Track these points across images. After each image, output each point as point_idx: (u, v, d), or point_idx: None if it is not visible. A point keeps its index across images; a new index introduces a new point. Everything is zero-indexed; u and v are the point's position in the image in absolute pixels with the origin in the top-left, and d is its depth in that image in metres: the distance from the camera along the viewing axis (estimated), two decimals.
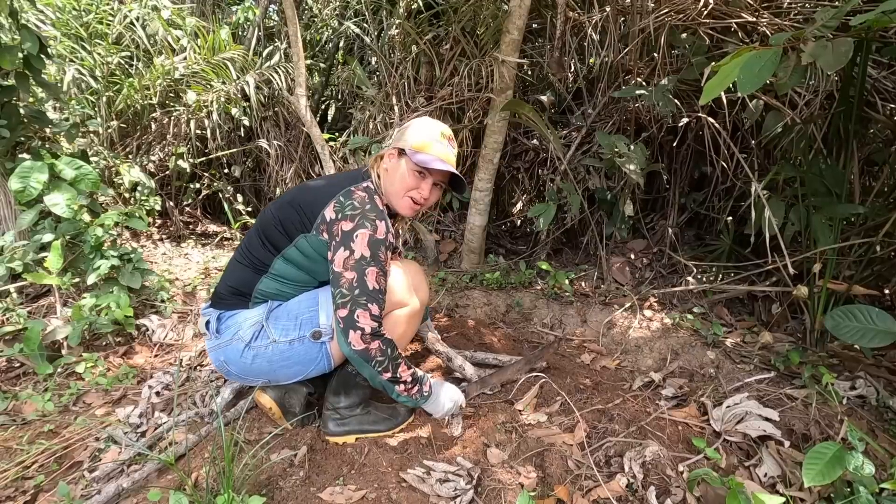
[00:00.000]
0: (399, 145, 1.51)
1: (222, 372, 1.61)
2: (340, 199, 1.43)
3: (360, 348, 1.39)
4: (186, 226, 4.10)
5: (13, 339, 2.09)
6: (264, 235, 1.52)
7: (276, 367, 1.52)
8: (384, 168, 1.54)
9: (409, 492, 1.39)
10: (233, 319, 1.52)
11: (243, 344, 1.49)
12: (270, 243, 1.50)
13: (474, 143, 3.30)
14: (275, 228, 1.50)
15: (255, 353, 1.49)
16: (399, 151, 1.52)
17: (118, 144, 3.77)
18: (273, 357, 1.50)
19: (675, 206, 3.09)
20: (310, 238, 1.45)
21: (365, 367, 1.43)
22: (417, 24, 3.32)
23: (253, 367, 1.51)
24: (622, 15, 2.80)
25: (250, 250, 1.53)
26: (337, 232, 1.40)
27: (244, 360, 1.50)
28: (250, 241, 1.55)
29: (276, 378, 1.57)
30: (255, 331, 1.49)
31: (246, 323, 1.50)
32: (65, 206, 2.23)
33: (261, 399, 1.63)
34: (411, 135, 1.52)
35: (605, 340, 2.35)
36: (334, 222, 1.40)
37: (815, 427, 1.57)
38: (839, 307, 1.64)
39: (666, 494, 1.36)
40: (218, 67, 3.64)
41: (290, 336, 1.49)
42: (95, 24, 3.51)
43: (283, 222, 1.49)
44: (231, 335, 1.51)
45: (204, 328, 1.57)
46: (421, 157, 1.47)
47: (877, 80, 2.24)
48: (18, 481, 1.45)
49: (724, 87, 1.41)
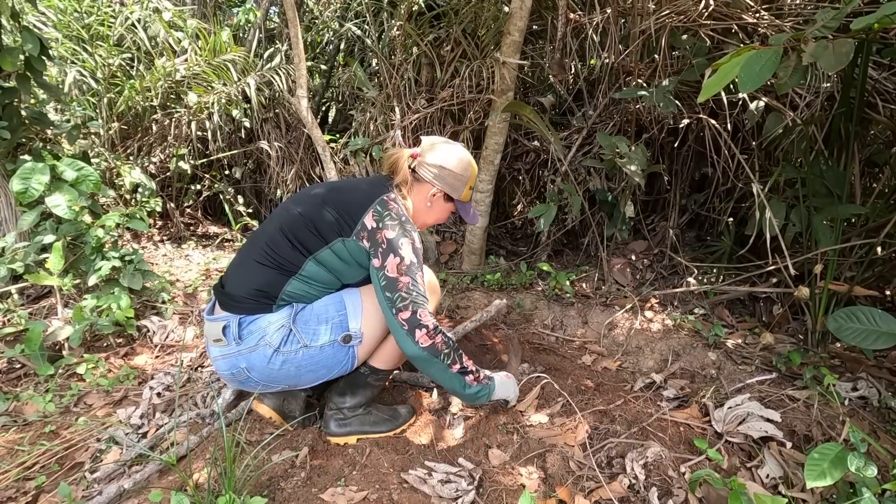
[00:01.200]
0: (448, 192, 1.62)
1: (235, 380, 1.51)
2: (378, 209, 1.47)
3: (427, 345, 1.42)
4: (187, 227, 4.10)
5: (14, 340, 2.09)
6: (293, 236, 1.46)
7: (302, 372, 1.48)
8: (427, 205, 1.64)
9: (411, 493, 1.39)
10: (256, 324, 1.44)
11: (272, 349, 1.43)
12: (301, 244, 1.46)
13: (475, 145, 3.30)
14: (307, 230, 1.46)
15: (285, 359, 1.44)
16: (446, 196, 1.65)
17: (119, 146, 3.78)
18: (302, 362, 1.46)
19: (676, 208, 3.09)
20: (348, 242, 1.46)
21: (434, 363, 1.45)
22: (418, 25, 3.33)
23: (280, 372, 1.46)
24: (623, 16, 2.81)
25: (275, 251, 1.46)
26: (381, 240, 1.44)
27: (272, 365, 1.44)
28: (274, 241, 1.47)
29: (298, 383, 1.52)
30: (283, 335, 1.44)
31: (271, 327, 1.44)
32: (66, 207, 2.24)
33: (259, 409, 1.62)
34: (458, 183, 1.62)
35: (607, 341, 2.35)
36: (376, 231, 1.44)
37: (817, 428, 1.57)
38: (842, 309, 1.64)
39: (668, 495, 1.35)
40: (219, 69, 3.65)
41: (320, 340, 1.46)
42: (97, 25, 3.52)
43: (318, 224, 1.46)
44: (256, 341, 1.43)
45: (220, 334, 1.45)
46: (467, 210, 1.69)
47: (877, 82, 2.24)
48: (20, 482, 1.45)
49: (723, 85, 1.41)
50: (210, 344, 1.50)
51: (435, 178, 1.60)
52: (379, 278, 1.43)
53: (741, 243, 2.61)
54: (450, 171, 1.60)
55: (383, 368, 1.63)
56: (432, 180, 1.60)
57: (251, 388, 1.54)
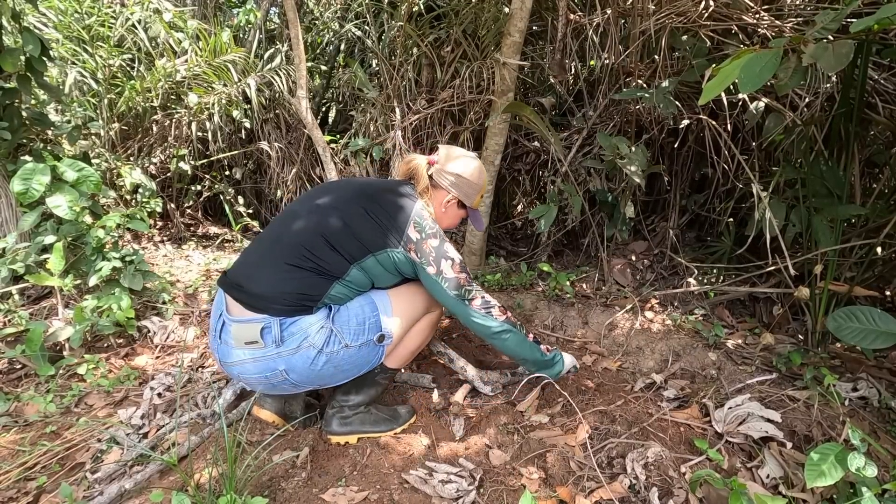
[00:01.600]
0: (462, 199, 1.72)
1: (266, 382, 1.47)
2: (418, 221, 1.55)
3: (503, 318, 1.62)
4: (187, 228, 4.11)
5: (15, 340, 2.09)
6: (336, 243, 1.46)
7: (338, 371, 1.50)
8: (442, 210, 1.73)
9: (412, 493, 1.39)
10: (296, 326, 1.42)
11: (315, 350, 1.43)
12: (346, 252, 1.47)
13: (475, 145, 3.30)
14: (353, 239, 1.47)
15: (327, 359, 1.45)
16: (460, 203, 1.74)
17: (120, 146, 3.78)
18: (341, 361, 1.48)
19: (676, 208, 3.09)
20: (395, 253, 1.51)
21: (514, 332, 1.64)
22: (418, 26, 3.33)
23: (320, 372, 1.47)
24: (623, 17, 2.81)
25: (316, 254, 1.45)
26: (428, 249, 1.54)
27: (314, 366, 1.44)
28: (313, 245, 1.45)
29: (331, 383, 1.54)
30: (325, 336, 1.44)
31: (312, 329, 1.43)
32: (66, 207, 2.24)
33: (261, 415, 1.62)
34: (471, 191, 1.72)
35: (607, 342, 2.35)
36: (421, 241, 1.54)
37: (817, 428, 1.57)
38: (841, 309, 1.64)
39: (668, 495, 1.36)
40: (219, 70, 3.65)
41: (360, 340, 1.49)
42: (97, 26, 3.52)
43: (363, 235, 1.48)
44: (298, 342, 1.42)
45: (256, 336, 1.40)
46: (476, 217, 1.82)
47: (877, 82, 2.24)
48: (21, 482, 1.45)
49: (723, 88, 1.41)
50: (237, 347, 1.42)
51: (451, 186, 1.68)
52: (440, 281, 1.54)
53: (741, 244, 2.61)
54: (466, 180, 1.69)
55: (392, 367, 1.66)
56: (449, 187, 1.68)
57: (278, 390, 1.52)
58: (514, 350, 1.68)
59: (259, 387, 1.51)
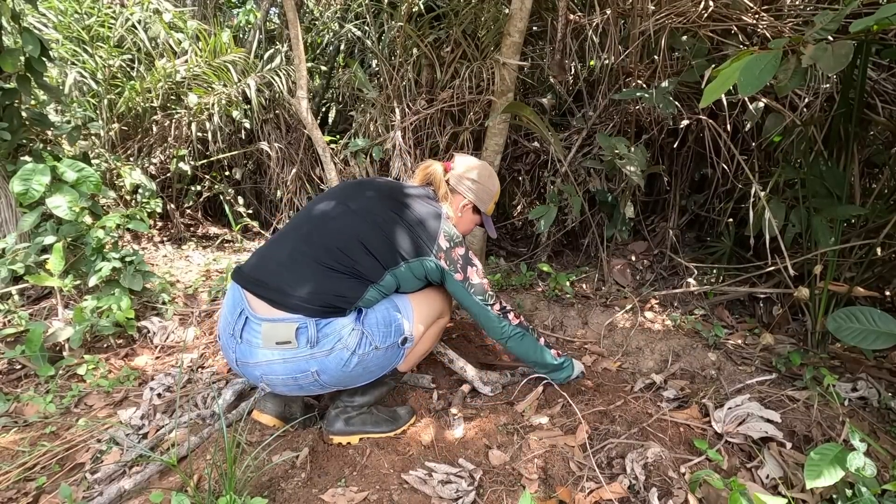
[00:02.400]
0: (477, 204, 1.78)
1: (295, 384, 1.46)
2: (446, 229, 1.60)
3: (517, 322, 1.71)
4: (187, 228, 4.11)
5: (15, 341, 2.10)
6: (372, 248, 1.48)
7: (365, 373, 1.51)
8: (458, 214, 1.77)
9: (411, 493, 1.39)
10: (331, 327, 1.42)
11: (349, 352, 1.44)
12: (382, 258, 1.49)
13: (475, 146, 3.30)
14: (388, 245, 1.50)
15: (359, 360, 1.46)
16: (475, 208, 1.80)
17: (119, 147, 3.78)
18: (370, 363, 1.49)
19: (676, 208, 3.09)
20: (427, 262, 1.56)
21: (527, 337, 1.73)
22: (418, 26, 3.33)
23: (350, 374, 1.48)
24: (623, 17, 2.81)
25: (352, 257, 1.45)
26: (457, 258, 1.60)
27: (346, 367, 1.45)
28: (349, 248, 1.46)
29: (355, 383, 1.56)
30: (357, 338, 1.45)
31: (345, 330, 1.44)
32: (66, 208, 2.24)
33: (261, 419, 1.62)
34: (487, 197, 1.79)
35: (607, 342, 2.35)
36: (450, 250, 1.60)
37: (817, 428, 1.57)
38: (841, 309, 1.64)
39: (668, 496, 1.36)
40: (219, 70, 3.65)
41: (388, 342, 1.51)
42: (97, 27, 3.52)
43: (399, 243, 1.52)
44: (332, 343, 1.42)
45: (290, 336, 1.38)
46: (489, 223, 1.88)
47: (877, 83, 2.24)
48: (20, 483, 1.45)
49: (724, 91, 1.41)
50: (265, 347, 1.40)
51: (469, 191, 1.74)
52: (466, 287, 1.62)
53: (741, 244, 2.61)
54: (483, 186, 1.76)
55: (403, 370, 1.66)
56: (466, 192, 1.74)
57: (302, 391, 1.52)
58: (526, 353, 1.75)
59: (283, 388, 1.49)
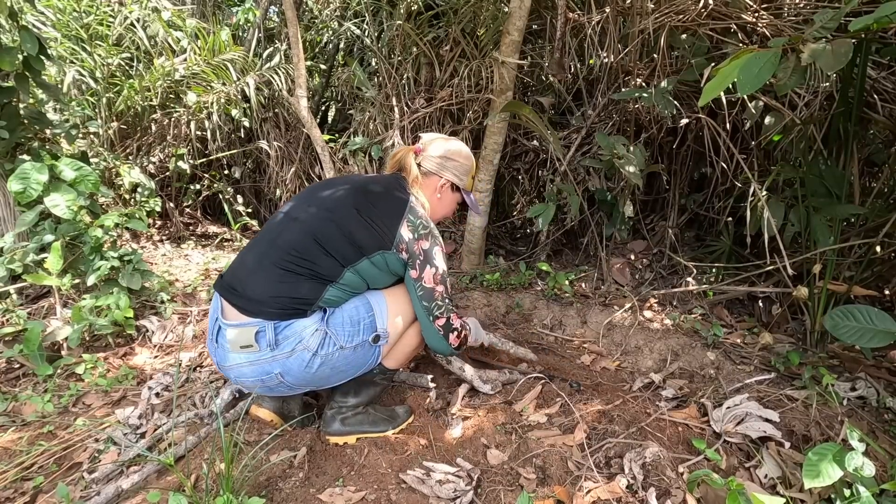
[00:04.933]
0: (454, 181, 1.72)
1: (262, 386, 1.48)
2: (411, 218, 1.53)
3: (457, 345, 1.61)
4: (186, 227, 4.10)
5: (13, 340, 2.09)
6: (328, 246, 1.45)
7: (335, 373, 1.50)
8: (437, 197, 1.72)
9: (409, 493, 1.39)
10: (291, 329, 1.42)
11: (310, 353, 1.42)
12: (338, 254, 1.46)
13: (474, 144, 3.30)
14: (344, 241, 1.46)
15: (322, 361, 1.45)
16: (453, 186, 1.74)
17: (118, 146, 3.77)
18: (337, 363, 1.47)
19: (675, 207, 3.09)
20: (388, 255, 1.50)
21: (456, 353, 1.68)
22: (417, 25, 3.33)
23: (315, 374, 1.46)
24: (622, 16, 2.80)
25: (308, 259, 1.44)
26: (418, 251, 1.52)
27: (308, 369, 1.44)
28: (305, 249, 1.44)
29: (327, 384, 1.54)
30: (319, 338, 1.43)
31: (307, 332, 1.43)
32: (65, 207, 2.23)
33: (259, 413, 1.62)
34: (462, 172, 1.73)
35: (605, 341, 2.35)
36: (413, 241, 1.52)
37: (816, 428, 1.57)
38: (839, 307, 1.63)
39: (666, 496, 1.35)
40: (218, 69, 3.65)
41: (355, 341, 1.48)
42: (96, 25, 3.51)
43: (356, 236, 1.47)
44: (293, 346, 1.41)
45: (251, 340, 1.40)
46: (472, 198, 1.81)
47: (876, 81, 2.23)
48: (18, 482, 1.45)
49: (722, 89, 1.41)
50: (233, 351, 1.43)
51: (443, 169, 1.69)
52: (416, 289, 1.53)
53: (740, 243, 2.61)
54: (454, 161, 1.70)
55: (392, 367, 1.66)
56: (439, 171, 1.69)
57: (276, 392, 1.54)
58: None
59: (257, 389, 1.52)
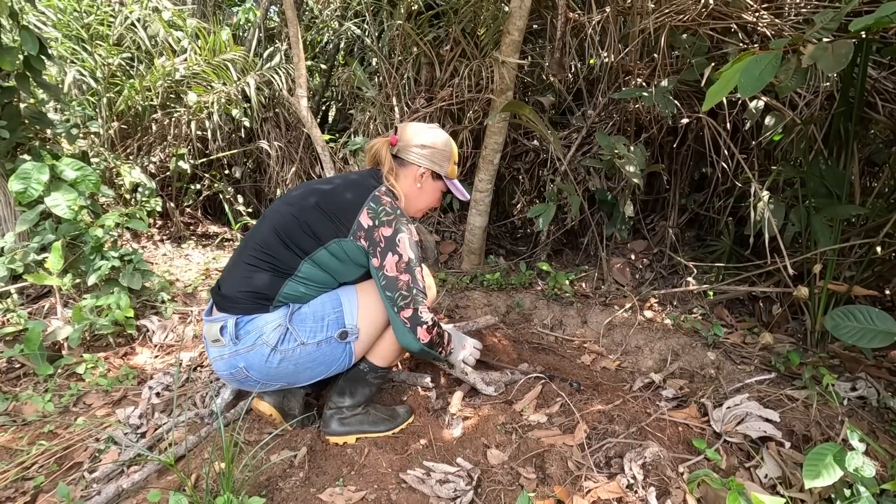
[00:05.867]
0: (434, 168, 1.65)
1: (234, 379, 1.52)
2: (372, 206, 1.49)
3: (427, 340, 1.50)
4: (187, 227, 4.11)
5: (14, 339, 2.09)
6: (287, 237, 1.47)
7: (300, 370, 1.50)
8: (418, 186, 1.66)
9: (409, 493, 1.39)
10: (253, 324, 1.45)
11: (269, 348, 1.44)
12: (296, 246, 1.47)
13: (474, 144, 3.30)
14: (301, 231, 1.47)
15: (283, 357, 1.45)
16: (434, 175, 1.67)
17: (119, 145, 3.78)
18: (300, 359, 1.47)
19: (676, 207, 3.09)
20: (344, 243, 1.48)
21: (430, 353, 1.55)
22: (418, 25, 3.33)
23: (278, 370, 1.47)
24: (622, 15, 2.80)
25: (269, 252, 1.47)
26: (379, 238, 1.46)
27: (269, 364, 1.45)
28: (267, 243, 1.48)
29: (297, 381, 1.54)
30: (280, 334, 1.45)
31: (268, 327, 1.45)
32: (66, 207, 2.24)
33: (259, 406, 1.63)
34: (441, 159, 1.66)
35: (606, 341, 2.35)
36: (373, 229, 1.47)
37: (816, 428, 1.56)
38: (839, 308, 1.63)
39: (666, 495, 1.35)
40: (218, 69, 3.65)
41: (317, 338, 1.47)
42: (96, 25, 3.52)
43: (312, 225, 1.47)
44: (253, 340, 1.44)
45: (217, 335, 1.46)
46: (456, 186, 1.71)
47: (877, 81, 2.23)
48: (18, 482, 1.45)
49: (725, 93, 1.41)
50: (209, 345, 1.50)
51: (420, 158, 1.63)
52: (379, 277, 1.47)
53: (741, 243, 2.61)
54: (431, 149, 1.64)
55: (382, 365, 1.63)
56: (417, 160, 1.63)
57: (251, 387, 1.56)
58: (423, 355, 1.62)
59: (233, 383, 1.59)
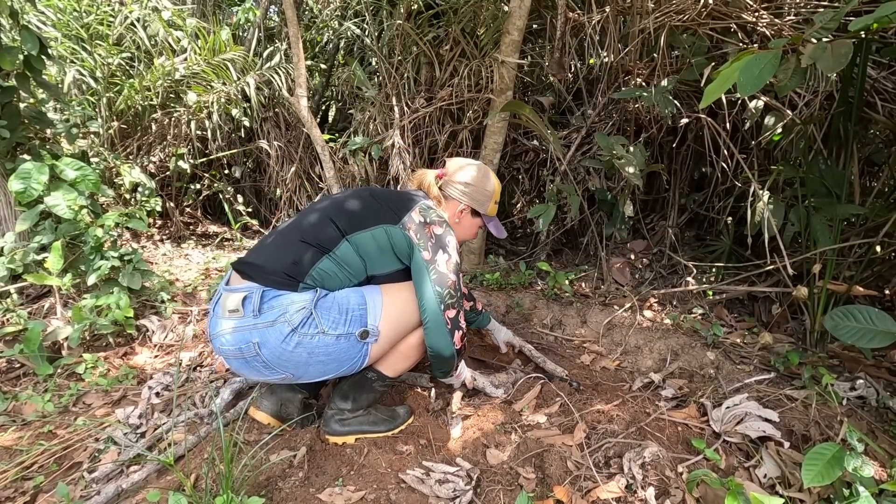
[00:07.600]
0: (475, 206, 1.73)
1: (239, 356, 1.42)
2: (424, 206, 1.58)
3: (460, 346, 1.55)
4: (187, 226, 4.11)
5: (13, 339, 2.09)
6: (334, 216, 1.52)
7: (312, 361, 1.43)
8: (456, 220, 1.74)
9: (409, 492, 1.39)
10: (278, 301, 1.39)
11: (290, 328, 1.38)
12: (341, 224, 1.50)
13: (474, 144, 3.30)
14: (350, 213, 1.52)
15: (299, 342, 1.39)
16: (473, 211, 1.75)
17: (119, 145, 3.78)
18: (316, 349, 1.41)
19: (675, 207, 3.09)
20: (392, 230, 1.51)
21: (450, 362, 1.58)
22: (417, 24, 3.32)
23: (291, 354, 1.40)
24: (622, 15, 2.80)
25: (317, 230, 1.49)
26: (430, 234, 1.52)
27: (285, 345, 1.39)
28: (318, 223, 1.51)
29: (303, 374, 1.46)
30: (303, 316, 1.39)
31: (293, 307, 1.39)
32: (65, 206, 2.24)
33: (257, 416, 1.62)
34: (483, 199, 1.73)
35: (605, 341, 2.35)
36: (424, 224, 1.53)
37: (815, 428, 1.57)
38: (839, 308, 1.63)
39: (665, 495, 1.36)
40: (218, 68, 3.65)
41: (338, 330, 1.42)
42: (96, 25, 3.52)
43: (363, 210, 1.53)
44: (275, 317, 1.38)
45: (238, 304, 1.39)
46: (494, 224, 1.80)
47: (876, 81, 2.23)
48: (18, 482, 1.45)
49: (723, 91, 1.41)
50: (222, 317, 1.41)
51: (462, 195, 1.71)
52: (429, 271, 1.49)
53: (740, 243, 2.61)
54: (475, 187, 1.71)
55: (390, 376, 1.62)
56: (459, 197, 1.71)
57: (254, 370, 1.45)
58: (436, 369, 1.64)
59: (235, 362, 1.45)
